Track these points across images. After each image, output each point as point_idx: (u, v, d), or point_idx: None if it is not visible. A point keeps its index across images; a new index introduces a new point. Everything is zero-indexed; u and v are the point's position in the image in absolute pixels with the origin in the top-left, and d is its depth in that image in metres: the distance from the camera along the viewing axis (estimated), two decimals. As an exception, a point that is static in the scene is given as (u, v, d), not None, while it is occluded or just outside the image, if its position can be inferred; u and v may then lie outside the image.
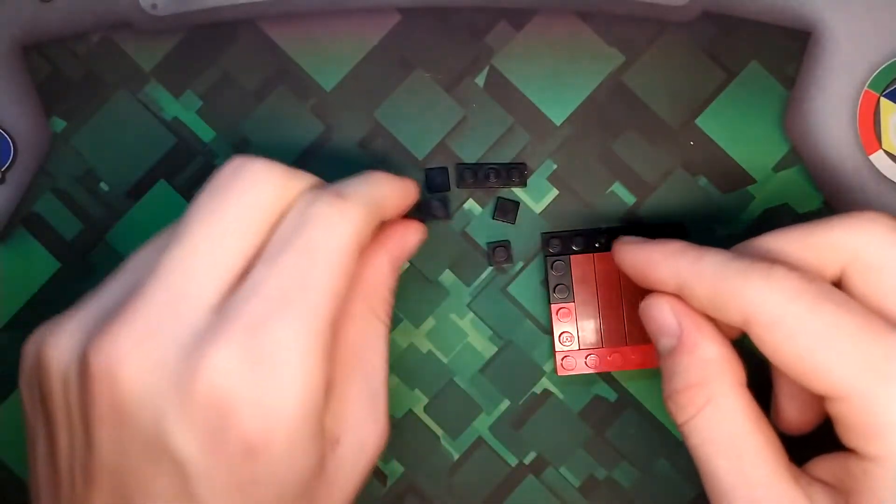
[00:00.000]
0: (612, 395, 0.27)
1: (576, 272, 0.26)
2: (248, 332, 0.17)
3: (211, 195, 0.19)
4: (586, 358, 0.26)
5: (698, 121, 0.27)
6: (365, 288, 0.21)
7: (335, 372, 0.20)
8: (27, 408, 0.20)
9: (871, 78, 0.26)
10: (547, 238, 0.26)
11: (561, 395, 0.26)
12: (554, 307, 0.26)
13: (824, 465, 0.19)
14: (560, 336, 0.26)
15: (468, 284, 0.27)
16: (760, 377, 0.21)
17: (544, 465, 0.26)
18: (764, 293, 0.18)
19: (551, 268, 0.26)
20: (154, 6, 0.26)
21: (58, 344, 0.18)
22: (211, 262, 0.18)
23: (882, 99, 0.26)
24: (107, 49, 0.27)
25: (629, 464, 0.26)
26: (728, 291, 0.18)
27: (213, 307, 0.18)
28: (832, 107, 0.26)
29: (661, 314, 0.20)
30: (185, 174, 0.27)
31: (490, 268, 0.27)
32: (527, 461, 0.26)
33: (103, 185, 0.27)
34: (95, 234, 0.27)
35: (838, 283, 0.19)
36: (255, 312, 0.17)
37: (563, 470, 0.26)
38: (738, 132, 0.27)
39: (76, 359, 0.18)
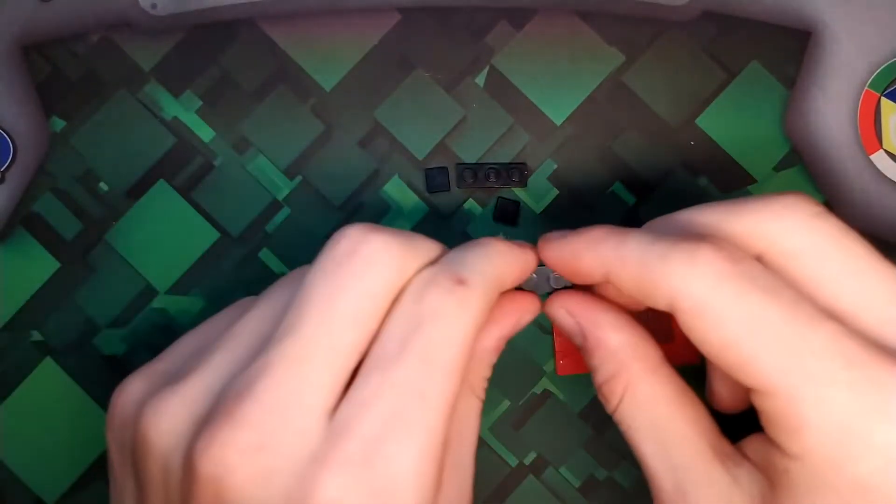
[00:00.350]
0: (612, 396, 0.26)
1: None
2: (364, 456, 0.16)
3: (326, 276, 0.17)
4: (586, 358, 0.26)
5: (699, 121, 0.27)
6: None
7: None
8: (115, 460, 0.19)
9: (871, 78, 0.26)
10: (547, 238, 0.26)
11: (561, 396, 0.26)
12: (554, 307, 0.26)
13: (755, 446, 0.18)
14: (560, 336, 0.26)
15: (468, 284, 0.27)
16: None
17: (545, 465, 0.26)
18: (687, 279, 0.17)
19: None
20: (154, 6, 0.26)
21: (160, 425, 0.17)
22: (326, 359, 0.17)
23: (883, 99, 0.26)
24: (106, 49, 0.27)
25: (630, 464, 0.26)
26: (651, 278, 0.17)
27: (327, 412, 0.16)
28: (833, 107, 0.26)
29: (560, 317, 0.20)
30: (184, 174, 0.27)
31: (490, 268, 0.27)
32: (527, 461, 0.26)
33: (103, 185, 0.27)
34: (95, 234, 0.27)
35: (761, 261, 0.18)
36: (370, 431, 0.16)
37: (563, 470, 0.26)
38: (738, 132, 0.27)
39: (181, 452, 0.17)
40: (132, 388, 0.19)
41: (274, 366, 0.16)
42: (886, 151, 0.26)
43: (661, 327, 0.26)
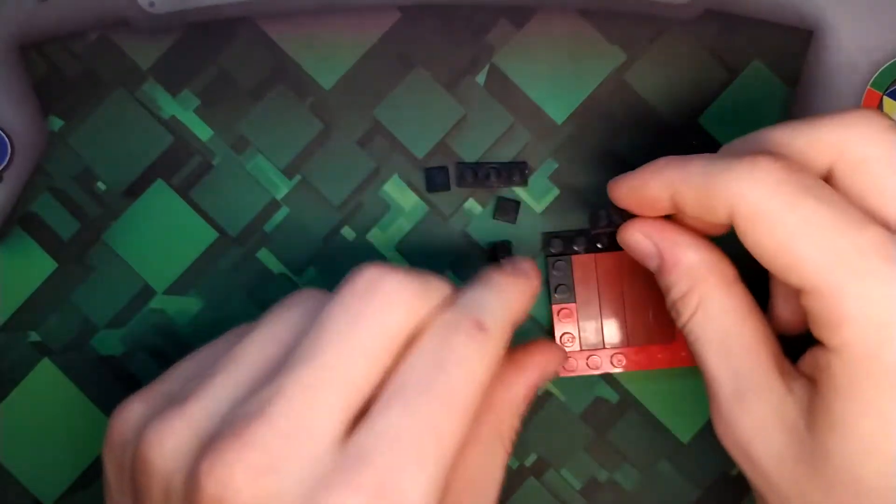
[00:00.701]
0: (613, 397, 0.26)
1: (577, 272, 0.26)
2: (377, 484, 0.16)
3: (346, 310, 0.18)
4: (588, 359, 0.26)
5: (701, 119, 0.26)
6: (496, 411, 0.20)
7: (448, 499, 0.19)
8: (113, 480, 0.19)
9: (874, 76, 0.26)
10: (548, 238, 0.26)
11: (562, 397, 0.26)
12: (555, 307, 0.26)
13: (808, 360, 0.19)
14: (561, 337, 0.26)
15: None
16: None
17: (545, 467, 0.26)
18: (747, 185, 0.18)
19: (552, 268, 0.26)
20: (151, 4, 0.25)
21: (163, 445, 0.17)
22: (341, 389, 0.17)
23: (885, 98, 0.26)
24: (104, 47, 0.26)
25: (631, 465, 0.26)
26: (713, 188, 0.18)
27: (338, 440, 0.17)
28: (835, 105, 0.26)
29: (635, 241, 0.21)
30: (182, 173, 0.26)
31: (490, 268, 0.27)
32: (528, 463, 0.26)
33: (100, 184, 0.26)
34: (92, 234, 0.26)
35: (827, 180, 0.19)
36: (387, 461, 0.16)
37: (564, 472, 0.26)
38: (740, 131, 0.26)
39: (184, 472, 0.17)
40: (132, 410, 0.19)
41: (287, 391, 0.17)
42: (889, 151, 0.26)
43: (663, 328, 0.26)
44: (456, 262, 0.27)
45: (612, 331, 0.26)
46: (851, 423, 0.17)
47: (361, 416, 0.17)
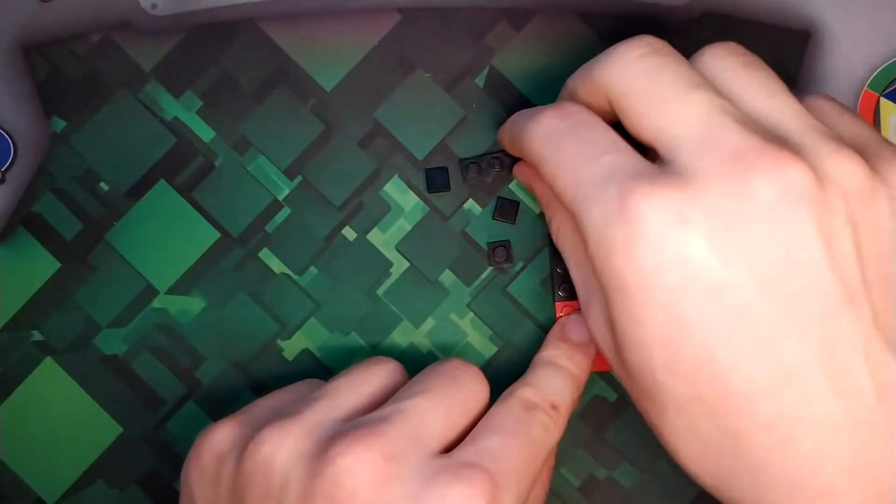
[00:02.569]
0: (612, 395, 0.27)
1: (577, 272, 0.26)
2: (483, 481, 0.19)
3: (444, 376, 0.22)
4: (586, 358, 0.26)
5: (698, 121, 0.27)
6: (549, 461, 0.24)
7: None
8: (201, 494, 0.21)
9: (870, 78, 0.26)
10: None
11: (561, 395, 0.26)
12: (559, 305, 0.26)
13: None
14: (560, 336, 0.26)
15: (468, 284, 0.27)
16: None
17: (544, 465, 0.26)
18: (531, 135, 0.21)
19: (557, 266, 0.26)
20: (154, 6, 0.26)
21: (281, 443, 0.20)
22: (444, 419, 0.21)
23: (882, 99, 0.26)
24: (107, 49, 0.27)
25: (629, 464, 0.26)
26: (517, 138, 0.22)
27: (439, 451, 0.20)
28: (832, 107, 0.26)
29: (519, 179, 0.26)
30: (184, 174, 0.27)
31: (490, 268, 0.27)
32: (527, 461, 0.26)
33: (103, 185, 0.27)
34: (95, 234, 0.27)
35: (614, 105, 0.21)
36: (491, 468, 0.20)
37: (563, 470, 0.26)
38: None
39: (304, 464, 0.19)
40: (224, 430, 0.21)
41: (406, 410, 0.20)
42: (886, 151, 0.26)
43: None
44: (456, 262, 0.27)
45: (610, 330, 0.26)
46: (613, 318, 0.19)
47: (450, 448, 0.21)
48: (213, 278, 0.27)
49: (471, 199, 0.27)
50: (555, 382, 0.23)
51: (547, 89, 0.27)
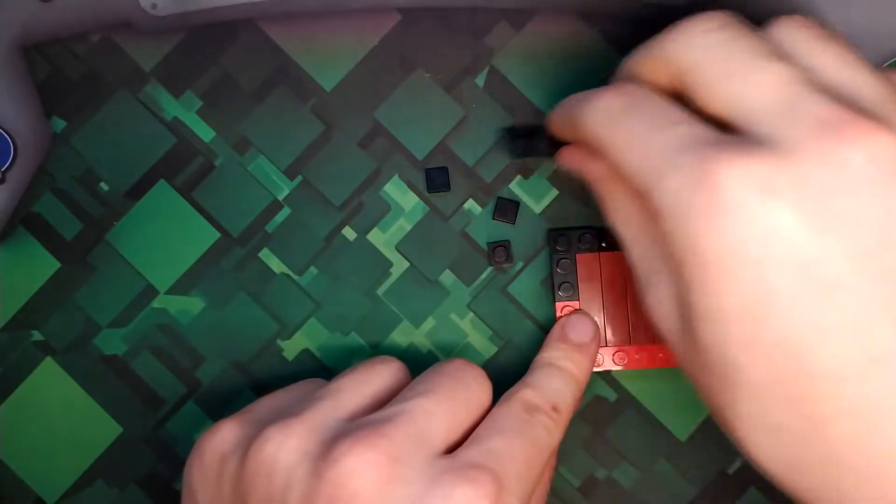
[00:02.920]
0: (612, 395, 0.27)
1: (581, 271, 0.26)
2: (487, 481, 0.19)
3: (448, 376, 0.22)
4: (586, 358, 0.26)
5: (698, 121, 0.27)
6: (550, 464, 0.24)
7: None
8: (204, 493, 0.21)
9: (870, 78, 0.26)
10: (554, 235, 0.26)
11: (561, 395, 0.26)
12: (558, 305, 0.26)
13: None
14: (560, 336, 0.26)
15: (468, 284, 0.27)
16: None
17: (544, 465, 0.26)
18: (590, 117, 0.20)
19: (557, 266, 0.26)
20: (154, 6, 0.26)
21: (284, 442, 0.20)
22: (448, 420, 0.21)
23: (882, 99, 0.26)
24: (107, 49, 0.27)
25: (629, 464, 0.26)
26: (573, 119, 0.21)
27: (442, 451, 0.20)
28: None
29: (565, 167, 0.24)
30: (184, 174, 0.27)
31: (490, 268, 0.27)
32: (527, 461, 0.26)
33: (103, 185, 0.27)
34: (95, 234, 0.27)
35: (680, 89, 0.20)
36: (495, 468, 0.20)
37: (562, 470, 0.26)
38: (738, 132, 0.27)
39: (308, 463, 0.19)
40: (227, 429, 0.21)
41: (410, 410, 0.20)
42: (886, 151, 0.26)
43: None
44: (456, 262, 0.27)
45: (614, 329, 0.26)
46: (689, 293, 0.18)
47: (453, 449, 0.21)
48: (213, 278, 0.27)
49: (471, 199, 0.27)
50: (555, 384, 0.23)
51: (547, 89, 0.27)
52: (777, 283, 0.17)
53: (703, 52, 0.19)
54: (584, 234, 0.26)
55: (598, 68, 0.27)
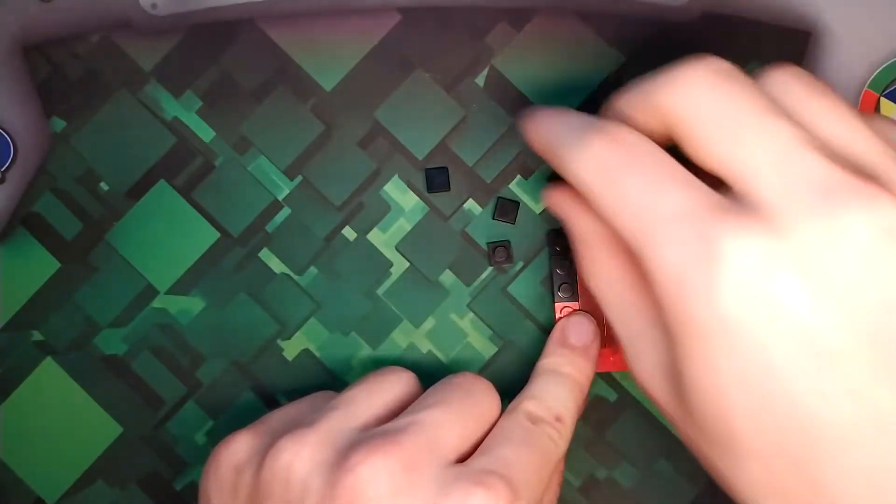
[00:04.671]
0: (612, 395, 0.27)
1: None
2: (501, 487, 0.20)
3: (459, 389, 0.22)
4: (586, 358, 0.26)
5: (698, 121, 0.27)
6: (559, 471, 0.24)
7: None
8: (220, 502, 0.22)
9: (871, 78, 0.26)
10: (554, 236, 0.26)
11: (561, 395, 0.26)
12: (558, 306, 0.26)
13: None
14: (560, 336, 0.26)
15: (468, 284, 0.27)
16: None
17: (544, 465, 0.26)
18: (578, 163, 0.20)
19: (557, 266, 0.26)
20: (154, 6, 0.26)
21: (300, 452, 0.20)
22: (458, 431, 0.21)
23: (882, 99, 0.26)
24: (107, 49, 0.27)
25: (629, 464, 0.26)
26: (562, 159, 0.20)
27: (454, 461, 0.21)
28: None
29: (550, 209, 0.24)
30: (184, 174, 0.27)
31: (490, 268, 0.27)
32: (527, 461, 0.26)
33: (103, 185, 0.27)
34: (95, 234, 0.27)
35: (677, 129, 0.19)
36: (506, 476, 0.20)
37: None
38: (738, 132, 0.27)
39: (323, 472, 0.20)
40: (241, 440, 0.22)
41: (422, 420, 0.21)
42: (886, 152, 0.26)
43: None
44: (456, 262, 0.27)
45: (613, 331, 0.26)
46: (684, 364, 0.18)
47: (463, 460, 0.21)
48: (213, 278, 0.27)
49: (471, 199, 0.27)
50: (558, 392, 0.24)
51: (547, 89, 0.27)
52: (779, 353, 0.17)
53: (695, 105, 0.18)
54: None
55: (598, 68, 0.27)
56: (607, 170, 0.19)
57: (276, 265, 0.27)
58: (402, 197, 0.27)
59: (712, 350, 0.17)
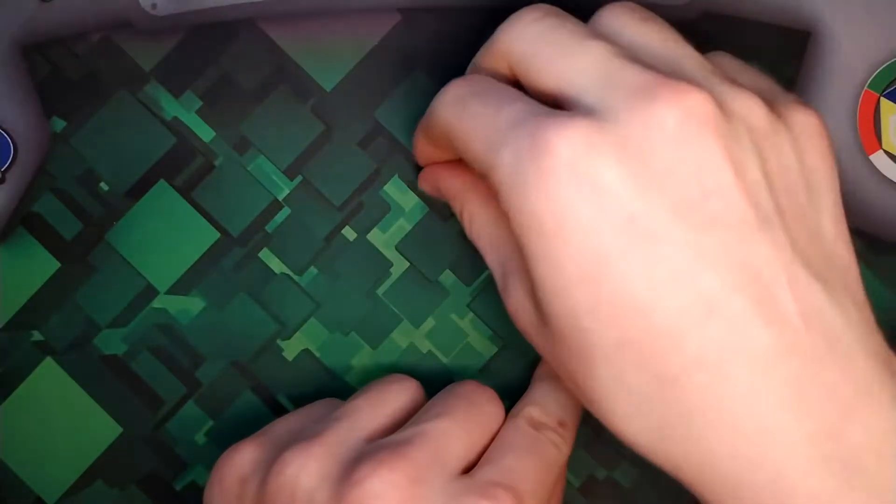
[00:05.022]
0: (612, 395, 0.27)
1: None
2: (509, 499, 0.20)
3: (465, 398, 0.23)
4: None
5: (698, 121, 0.27)
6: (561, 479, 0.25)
7: None
8: None
9: (871, 78, 0.26)
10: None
11: (561, 395, 0.26)
12: (554, 307, 0.26)
13: None
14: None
15: (468, 284, 0.27)
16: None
17: (544, 465, 0.26)
18: (437, 107, 0.22)
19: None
20: (154, 6, 0.26)
21: (305, 465, 0.20)
22: (464, 441, 0.21)
23: (882, 99, 0.26)
24: (106, 49, 0.27)
25: (629, 464, 0.26)
26: (428, 116, 0.23)
27: (459, 472, 0.21)
28: (832, 107, 0.26)
29: (426, 188, 0.26)
30: (184, 174, 0.27)
31: (490, 268, 0.27)
32: (527, 461, 0.26)
33: (103, 185, 0.27)
34: (95, 234, 0.27)
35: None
36: (513, 486, 0.20)
37: (563, 470, 0.26)
38: (738, 132, 0.27)
39: (329, 485, 0.20)
40: (246, 452, 0.22)
41: (428, 432, 0.21)
42: (886, 152, 0.26)
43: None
44: (456, 262, 0.27)
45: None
46: (533, 271, 0.19)
47: (468, 469, 0.21)
48: (213, 278, 0.27)
49: (471, 199, 0.27)
50: (559, 397, 0.24)
51: (547, 89, 0.27)
52: (607, 242, 0.18)
53: (529, 40, 0.20)
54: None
55: (598, 68, 0.27)
56: (458, 100, 0.21)
57: (276, 265, 0.27)
58: (402, 197, 0.27)
59: (551, 245, 0.18)
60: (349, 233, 0.27)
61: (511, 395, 0.26)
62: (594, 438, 0.27)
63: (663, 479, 0.26)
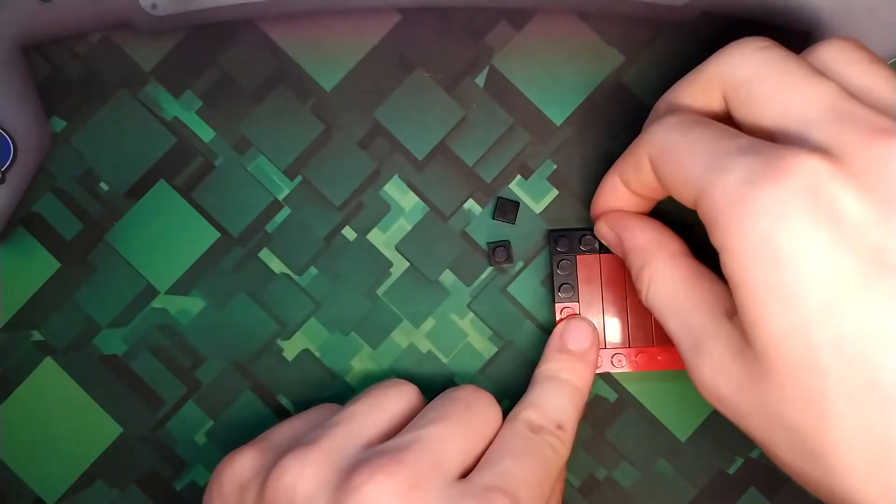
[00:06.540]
0: (612, 396, 0.27)
1: (581, 272, 0.26)
2: (514, 501, 0.20)
3: (462, 403, 0.23)
4: (586, 358, 0.26)
5: (698, 121, 0.27)
6: (560, 480, 0.25)
7: None
8: None
9: (870, 78, 0.26)
10: (555, 236, 0.26)
11: (561, 396, 0.26)
12: (558, 306, 0.26)
13: None
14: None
15: (468, 284, 0.27)
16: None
17: (544, 465, 0.26)
18: (650, 135, 0.21)
19: (557, 267, 0.26)
20: (154, 6, 0.26)
21: (303, 471, 0.20)
22: (461, 445, 0.21)
23: (882, 99, 0.26)
24: (107, 49, 0.27)
25: (629, 464, 0.26)
26: (633, 155, 0.22)
27: (456, 477, 0.21)
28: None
29: (603, 234, 0.25)
30: (184, 174, 0.27)
31: (490, 268, 0.27)
32: (527, 461, 0.26)
33: (103, 185, 0.27)
34: (95, 234, 0.27)
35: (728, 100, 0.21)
36: (510, 490, 0.20)
37: (563, 470, 0.26)
38: (738, 132, 0.27)
39: (327, 491, 0.20)
40: (244, 457, 0.22)
41: (425, 437, 0.21)
42: (886, 151, 0.26)
43: (664, 330, 0.26)
44: (456, 262, 0.27)
45: (613, 331, 0.26)
46: (751, 307, 0.18)
47: (466, 473, 0.21)
48: (213, 278, 0.27)
49: (471, 199, 0.27)
50: (558, 399, 0.24)
51: (546, 89, 0.27)
52: (852, 273, 0.17)
53: (757, 67, 0.19)
54: (584, 235, 0.26)
55: (598, 68, 0.27)
56: (679, 125, 0.20)
57: (276, 265, 0.27)
58: (402, 197, 0.27)
59: (787, 275, 0.17)
60: (349, 233, 0.27)
61: (510, 396, 0.26)
62: (594, 438, 0.27)
63: (663, 480, 0.27)
